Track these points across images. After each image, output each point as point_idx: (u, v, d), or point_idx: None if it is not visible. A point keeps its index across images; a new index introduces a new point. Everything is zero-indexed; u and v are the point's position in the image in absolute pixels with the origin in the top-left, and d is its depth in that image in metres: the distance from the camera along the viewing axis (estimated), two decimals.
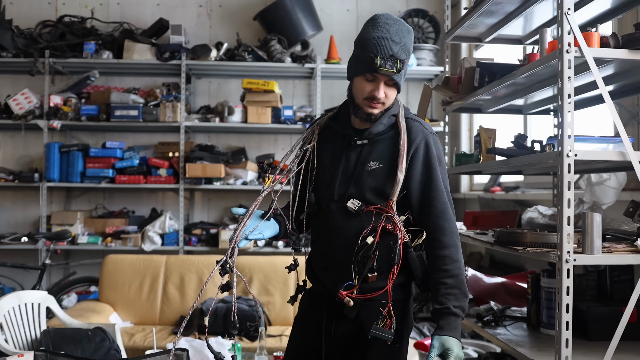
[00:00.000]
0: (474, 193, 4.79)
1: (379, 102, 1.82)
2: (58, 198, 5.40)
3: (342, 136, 1.94)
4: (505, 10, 2.77)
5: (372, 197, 1.83)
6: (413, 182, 1.84)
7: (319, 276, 1.95)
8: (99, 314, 3.90)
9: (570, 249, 1.85)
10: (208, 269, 4.23)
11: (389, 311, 1.75)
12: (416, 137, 1.86)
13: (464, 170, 3.01)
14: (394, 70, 1.75)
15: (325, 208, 1.90)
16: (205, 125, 5.12)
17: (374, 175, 1.84)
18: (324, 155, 1.97)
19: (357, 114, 1.89)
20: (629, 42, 1.94)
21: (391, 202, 1.80)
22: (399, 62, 1.75)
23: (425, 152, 1.85)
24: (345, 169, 1.89)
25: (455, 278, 1.77)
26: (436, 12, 5.42)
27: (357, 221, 1.83)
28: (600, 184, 2.63)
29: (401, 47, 1.77)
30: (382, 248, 1.77)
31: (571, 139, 1.87)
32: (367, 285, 1.78)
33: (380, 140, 1.89)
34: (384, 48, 1.75)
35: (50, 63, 5.03)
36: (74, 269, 5.17)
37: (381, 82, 1.80)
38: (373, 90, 1.81)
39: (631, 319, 1.95)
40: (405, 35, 1.81)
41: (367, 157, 1.87)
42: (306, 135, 2.02)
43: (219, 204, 5.48)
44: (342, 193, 1.87)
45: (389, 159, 1.85)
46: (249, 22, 5.40)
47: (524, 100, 2.98)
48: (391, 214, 1.79)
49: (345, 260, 1.80)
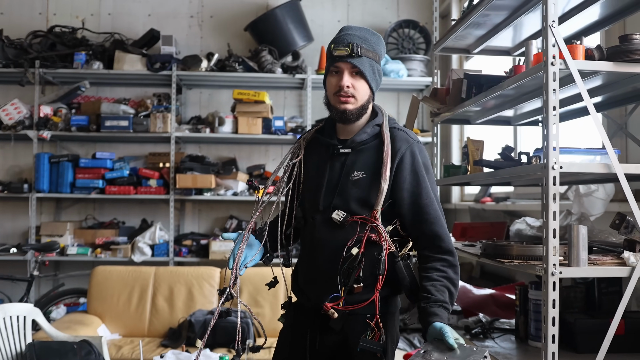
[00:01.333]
0: (465, 204, 4.79)
1: (347, 93, 1.82)
2: (47, 209, 5.37)
3: (327, 147, 1.94)
4: (493, 21, 2.78)
5: (356, 207, 1.82)
6: (402, 191, 1.82)
7: (304, 289, 1.93)
8: (86, 326, 3.86)
9: (556, 262, 1.84)
10: (197, 280, 4.20)
11: (377, 322, 1.73)
12: (401, 146, 1.85)
13: (452, 182, 3.00)
14: (347, 50, 1.79)
15: (311, 220, 1.89)
16: (195, 135, 5.10)
17: (358, 185, 1.83)
18: (310, 167, 1.96)
19: (335, 116, 1.89)
20: (613, 55, 1.95)
21: (375, 212, 1.78)
22: (352, 45, 1.79)
23: (412, 161, 1.84)
24: (329, 179, 1.88)
25: (450, 281, 1.76)
26: (427, 23, 5.45)
27: (342, 232, 1.81)
28: (588, 195, 2.63)
29: (360, 38, 1.82)
30: (368, 259, 1.75)
31: (556, 151, 1.87)
32: (353, 297, 1.76)
33: (365, 149, 1.88)
34: (342, 39, 1.83)
35: (41, 73, 5.01)
36: (63, 280, 5.12)
37: (344, 71, 1.82)
38: (338, 81, 1.83)
39: (618, 331, 1.94)
40: (368, 34, 1.86)
41: (351, 166, 1.86)
42: (293, 149, 2.02)
43: (209, 214, 5.45)
44: (327, 204, 1.86)
45: (373, 168, 1.83)
46: (240, 33, 5.41)
47: (513, 111, 2.99)
48: (376, 224, 1.77)
49: (331, 273, 1.78)
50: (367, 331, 1.73)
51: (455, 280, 1.78)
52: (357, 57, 1.80)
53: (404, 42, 5.42)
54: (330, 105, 1.89)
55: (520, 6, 2.53)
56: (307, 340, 1.88)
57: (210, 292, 4.18)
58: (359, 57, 1.80)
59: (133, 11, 5.52)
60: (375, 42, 1.86)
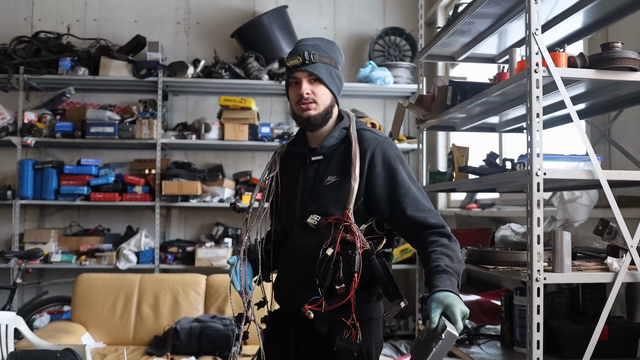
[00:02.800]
0: (451, 210, 4.81)
1: (308, 99, 1.86)
2: (31, 216, 5.31)
3: (300, 157, 1.96)
4: (478, 29, 2.80)
5: (334, 210, 1.82)
6: (378, 187, 1.83)
7: (287, 298, 1.93)
8: (70, 334, 3.82)
9: (540, 268, 1.86)
10: (183, 287, 4.17)
11: (353, 321, 1.71)
12: (369, 145, 1.86)
13: (438, 188, 3.01)
14: (299, 59, 1.83)
15: (290, 229, 1.90)
16: (181, 142, 5.08)
17: (333, 189, 1.84)
18: (285, 180, 1.99)
19: (301, 125, 1.93)
20: (596, 62, 1.97)
21: (347, 211, 1.79)
22: (303, 53, 1.84)
23: (382, 156, 1.85)
24: (303, 187, 1.90)
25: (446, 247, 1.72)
26: (412, 30, 5.48)
27: (317, 236, 1.81)
28: (573, 201, 2.65)
29: (312, 46, 1.88)
30: (345, 259, 1.75)
31: (540, 158, 1.88)
32: (336, 298, 1.74)
33: (335, 154, 1.90)
34: (294, 51, 1.89)
35: (25, 79, 4.97)
36: (47, 288, 5.06)
37: (302, 80, 1.86)
38: (298, 90, 1.87)
39: (602, 337, 1.96)
40: (321, 42, 1.92)
41: (324, 172, 1.88)
42: (269, 165, 2.03)
43: (195, 221, 5.43)
44: (303, 212, 1.87)
45: (343, 170, 1.85)
46: (226, 40, 5.40)
47: (498, 118, 3.01)
48: (349, 223, 1.77)
49: (310, 277, 1.79)
50: (344, 331, 1.71)
51: (452, 245, 1.73)
52: (311, 63, 1.84)
53: (390, 49, 5.45)
54: (295, 116, 1.93)
55: (504, 14, 2.56)
56: (291, 348, 1.87)
57: (196, 300, 4.16)
58: (313, 64, 1.85)
59: (119, 17, 5.50)
60: (330, 48, 1.91)
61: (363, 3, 5.67)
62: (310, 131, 1.94)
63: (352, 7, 5.66)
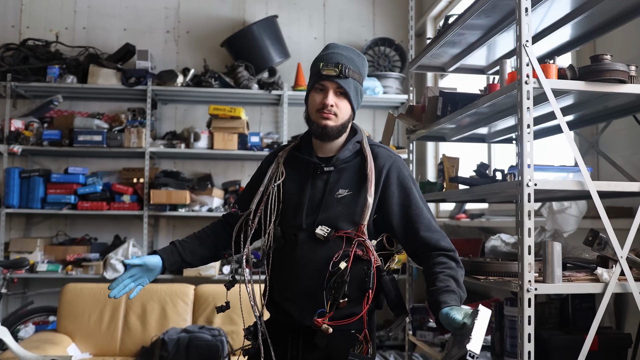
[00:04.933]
0: (440, 220, 4.81)
1: (330, 111, 1.84)
2: (17, 225, 5.25)
3: (306, 165, 1.93)
4: (468, 40, 2.82)
5: (343, 224, 1.82)
6: (392, 205, 1.84)
7: (284, 307, 1.89)
8: (56, 345, 3.76)
9: (531, 278, 1.86)
10: (171, 297, 4.13)
11: (365, 336, 1.74)
12: (385, 163, 1.87)
13: (428, 198, 3.01)
14: (336, 71, 1.80)
15: (292, 237, 1.87)
16: (170, 151, 5.06)
17: (344, 202, 1.84)
18: (288, 185, 1.95)
19: (315, 131, 1.89)
20: (585, 74, 1.99)
21: (362, 226, 1.79)
22: (341, 66, 1.81)
23: (397, 175, 1.86)
24: (311, 197, 1.88)
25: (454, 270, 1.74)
26: (402, 41, 5.51)
27: (325, 249, 1.80)
28: (562, 212, 2.66)
29: (347, 59, 1.84)
30: (353, 273, 1.75)
31: (531, 169, 1.89)
32: (338, 312, 1.75)
33: (347, 167, 1.89)
34: (330, 57, 1.84)
35: (12, 86, 4.93)
36: (32, 298, 5.01)
37: (329, 90, 1.84)
38: (323, 99, 1.84)
39: (592, 347, 1.96)
40: (354, 55, 1.89)
41: (335, 184, 1.87)
42: (273, 170, 1.98)
43: (184, 230, 5.38)
44: (311, 222, 1.85)
45: (357, 185, 1.85)
46: (216, 49, 5.40)
47: (487, 129, 3.03)
48: (363, 239, 1.78)
49: (314, 289, 1.78)
50: (356, 345, 1.74)
51: (460, 271, 1.77)
52: (344, 78, 1.82)
53: (380, 59, 5.47)
54: (310, 121, 1.90)
55: (494, 26, 2.58)
56: (288, 358, 1.85)
57: (184, 310, 4.12)
58: (346, 79, 1.82)
59: (108, 26, 5.48)
60: (361, 63, 1.89)
61: (353, 14, 5.69)
62: (322, 140, 1.91)
63: (342, 17, 5.68)
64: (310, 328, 1.76)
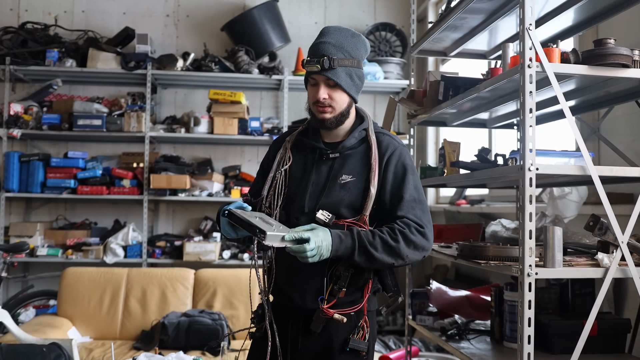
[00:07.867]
0: (440, 206, 4.82)
1: (324, 104, 1.83)
2: (17, 209, 5.25)
3: (312, 150, 1.94)
4: (470, 25, 2.80)
5: (345, 210, 1.82)
6: (385, 191, 1.84)
7: (285, 290, 1.90)
8: (56, 328, 3.78)
9: (532, 263, 1.86)
10: (171, 282, 4.14)
11: (365, 322, 1.81)
12: (387, 150, 1.87)
13: (428, 183, 3.01)
14: (318, 67, 1.78)
15: (295, 221, 1.87)
16: (170, 135, 5.04)
17: (347, 188, 1.84)
18: (294, 169, 1.95)
19: (315, 124, 1.92)
20: (588, 58, 1.97)
21: (365, 216, 1.80)
22: (324, 60, 1.77)
23: (396, 163, 1.86)
24: (316, 182, 1.88)
25: (392, 231, 1.73)
26: (403, 26, 5.47)
27: None
28: (562, 197, 2.66)
29: (335, 47, 1.81)
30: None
31: (532, 153, 1.88)
32: (338, 299, 1.78)
33: (352, 154, 1.90)
34: (314, 50, 1.82)
35: (11, 70, 4.90)
36: (33, 282, 5.02)
37: (320, 83, 1.83)
38: (315, 93, 1.84)
39: (592, 333, 1.96)
40: (345, 38, 1.85)
41: (339, 170, 1.87)
42: (281, 155, 1.98)
43: (184, 215, 5.40)
44: (313, 206, 1.85)
45: (362, 172, 1.85)
46: (216, 33, 5.37)
47: (488, 114, 3.01)
48: (365, 230, 1.77)
49: (314, 274, 1.79)
50: (355, 330, 1.80)
51: (402, 236, 1.73)
52: (331, 69, 1.79)
53: (381, 44, 5.44)
54: (311, 112, 1.91)
55: (496, 10, 2.55)
56: (288, 342, 1.87)
57: (184, 294, 4.13)
58: (333, 70, 1.80)
59: (107, 9, 5.44)
60: (353, 45, 1.85)
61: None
62: (324, 130, 1.93)
63: (342, 2, 5.64)
64: (310, 312, 1.77)
